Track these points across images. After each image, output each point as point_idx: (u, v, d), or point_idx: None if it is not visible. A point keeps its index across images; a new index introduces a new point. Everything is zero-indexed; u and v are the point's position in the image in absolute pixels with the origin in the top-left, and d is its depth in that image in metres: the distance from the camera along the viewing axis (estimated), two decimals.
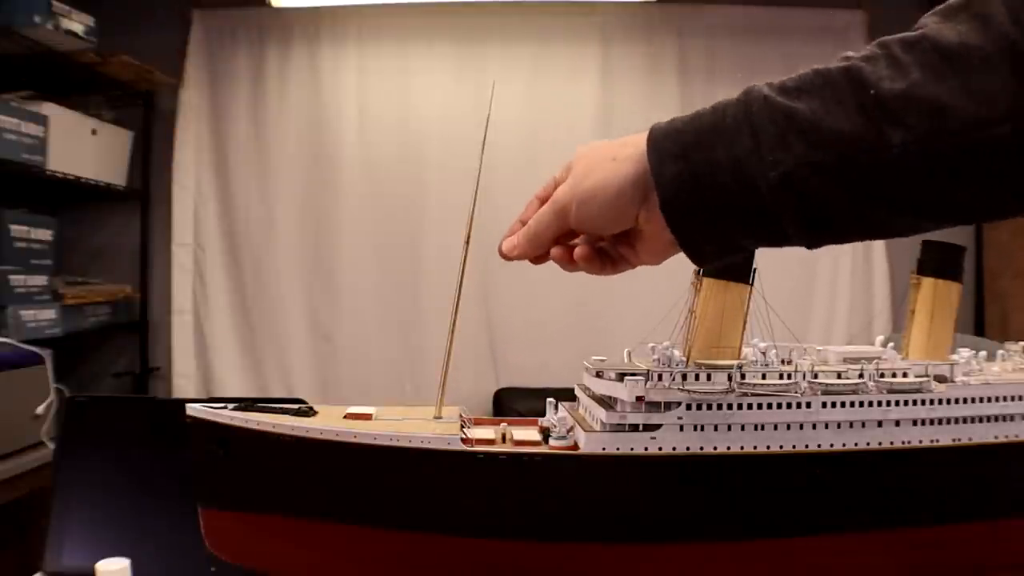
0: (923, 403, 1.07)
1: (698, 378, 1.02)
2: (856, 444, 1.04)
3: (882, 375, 1.08)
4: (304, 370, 2.88)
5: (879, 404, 1.05)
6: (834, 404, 1.03)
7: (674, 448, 1.00)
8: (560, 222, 0.63)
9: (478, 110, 2.72)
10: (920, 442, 1.06)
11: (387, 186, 2.87)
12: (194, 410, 1.01)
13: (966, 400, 1.08)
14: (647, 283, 2.63)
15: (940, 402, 1.07)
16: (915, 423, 1.06)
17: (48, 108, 2.31)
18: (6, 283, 2.17)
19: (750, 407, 1.01)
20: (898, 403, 1.06)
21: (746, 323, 1.05)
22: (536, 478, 0.99)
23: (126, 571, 0.95)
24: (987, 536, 1.07)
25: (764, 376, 1.04)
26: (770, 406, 1.02)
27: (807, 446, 1.02)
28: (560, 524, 1.00)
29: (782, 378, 1.05)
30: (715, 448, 1.00)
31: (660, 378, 1.01)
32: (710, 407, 1.01)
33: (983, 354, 1.21)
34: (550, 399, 1.12)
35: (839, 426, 1.03)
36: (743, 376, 1.02)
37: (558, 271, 0.70)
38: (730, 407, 1.01)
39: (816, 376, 1.06)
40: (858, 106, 0.48)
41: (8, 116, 2.12)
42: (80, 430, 1.15)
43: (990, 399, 1.09)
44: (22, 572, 1.10)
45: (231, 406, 1.03)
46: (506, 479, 0.98)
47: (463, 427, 1.02)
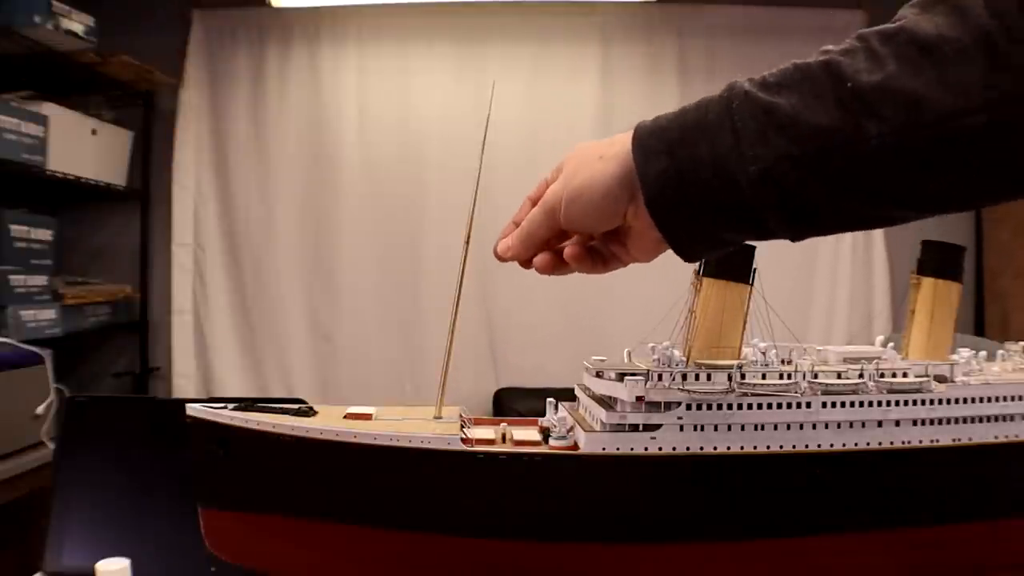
0: (923, 403, 1.06)
1: (698, 378, 1.02)
2: (856, 444, 1.03)
3: (882, 375, 1.08)
4: (304, 370, 2.88)
5: (879, 404, 1.05)
6: (834, 404, 1.03)
7: (674, 448, 1.00)
8: (551, 222, 0.63)
9: (478, 110, 2.72)
10: (920, 442, 1.06)
11: (387, 186, 2.87)
12: (194, 410, 1.01)
13: (966, 400, 1.08)
14: (647, 283, 2.63)
15: (940, 402, 1.07)
16: (915, 423, 1.06)
17: (48, 108, 2.31)
18: (6, 283, 2.17)
19: (750, 407, 1.01)
20: (898, 403, 1.06)
21: (746, 323, 1.05)
22: (536, 478, 0.98)
23: (126, 571, 0.95)
24: (987, 536, 1.07)
25: (764, 376, 1.04)
26: (770, 406, 1.02)
27: (807, 446, 1.02)
28: (560, 524, 1.00)
29: (782, 378, 1.05)
30: (715, 448, 1.00)
31: (660, 378, 1.01)
32: (710, 407, 1.01)
33: (983, 354, 1.21)
34: (550, 399, 1.12)
35: (839, 426, 1.03)
36: (743, 376, 1.02)
37: None
38: (730, 407, 1.01)
39: (816, 376, 1.06)
40: (836, 99, 0.49)
41: (8, 116, 2.12)
42: (80, 430, 1.15)
43: (990, 399, 1.09)
44: (22, 572, 1.10)
45: (231, 406, 1.03)
46: (506, 479, 0.98)
47: (463, 427, 1.02)
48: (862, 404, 1.04)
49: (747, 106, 0.52)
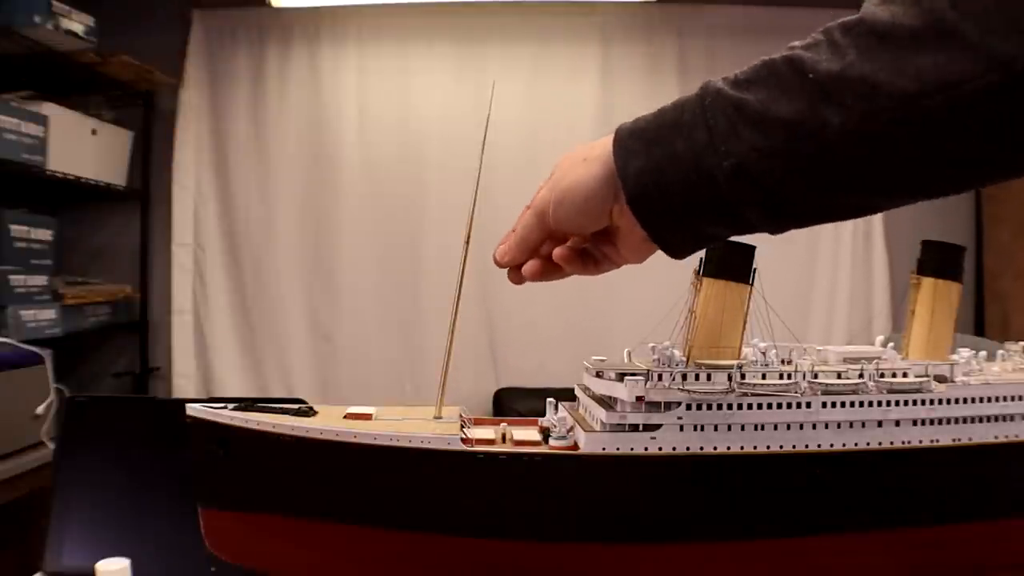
0: (923, 403, 1.06)
1: (698, 378, 1.02)
2: (856, 444, 1.03)
3: (882, 375, 1.08)
4: (304, 370, 2.88)
5: (879, 404, 1.05)
6: (834, 404, 1.03)
7: (674, 448, 1.00)
8: (542, 224, 0.65)
9: (478, 110, 2.72)
10: (920, 442, 1.06)
11: (387, 186, 2.87)
12: (194, 410, 1.00)
13: (966, 400, 1.08)
14: (647, 283, 2.63)
15: (940, 402, 1.07)
16: (915, 423, 1.06)
17: (48, 108, 2.31)
18: (6, 283, 2.17)
19: (750, 407, 1.01)
20: (898, 403, 1.06)
21: (746, 323, 1.05)
22: (536, 478, 0.98)
23: (126, 571, 0.95)
24: (987, 536, 1.07)
25: (764, 376, 1.04)
26: (770, 406, 1.02)
27: (807, 446, 1.02)
28: (560, 524, 1.00)
29: (782, 378, 1.05)
30: (715, 448, 1.00)
31: (660, 378, 1.01)
32: (710, 407, 1.01)
33: (983, 354, 1.21)
34: (550, 399, 1.12)
35: (839, 426, 1.03)
36: (743, 376, 1.02)
37: None
38: (730, 407, 1.01)
39: (816, 376, 1.06)
40: (799, 91, 0.50)
41: (8, 116, 2.12)
42: (80, 430, 1.15)
43: (990, 399, 1.09)
44: (22, 572, 1.10)
45: (231, 406, 1.03)
46: (506, 479, 0.98)
47: (463, 427, 1.02)
48: (862, 404, 1.04)
49: (719, 103, 0.53)
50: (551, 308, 2.82)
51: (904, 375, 1.09)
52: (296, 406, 1.05)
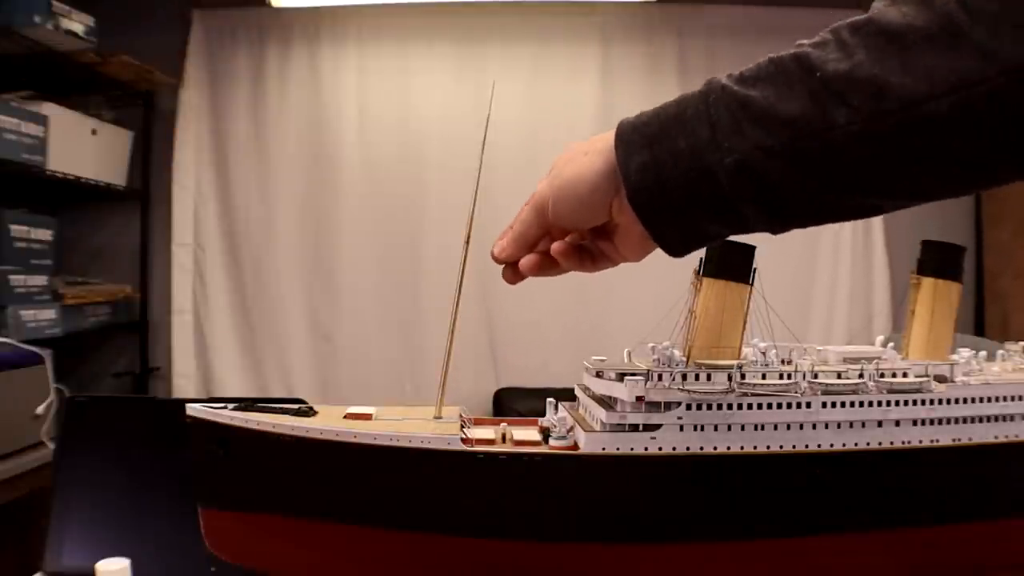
0: (923, 403, 1.06)
1: (698, 378, 1.02)
2: (856, 444, 1.03)
3: (882, 375, 1.08)
4: (304, 370, 2.88)
5: (879, 404, 1.05)
6: (834, 404, 1.03)
7: (674, 448, 1.00)
8: (540, 219, 0.64)
9: (478, 110, 2.72)
10: (920, 442, 1.06)
11: (387, 186, 2.87)
12: (194, 410, 1.00)
13: (966, 400, 1.08)
14: (647, 283, 2.63)
15: (940, 402, 1.07)
16: (915, 423, 1.06)
17: (48, 108, 2.31)
18: (6, 283, 2.17)
19: (750, 407, 1.01)
20: (898, 403, 1.06)
21: (746, 323, 1.05)
22: (536, 478, 0.98)
23: (126, 571, 0.95)
24: (987, 536, 1.07)
25: (764, 376, 1.04)
26: (770, 406, 1.02)
27: (807, 446, 1.02)
28: (560, 524, 1.00)
29: (782, 378, 1.05)
30: (715, 448, 1.00)
31: (660, 378, 1.01)
32: (710, 407, 1.01)
33: (983, 354, 1.21)
34: (550, 399, 1.12)
35: (839, 426, 1.03)
36: (743, 376, 1.02)
37: None
38: (730, 407, 1.01)
39: (816, 376, 1.06)
40: (806, 89, 0.50)
41: (8, 116, 2.12)
42: (80, 430, 1.15)
43: (990, 399, 1.09)
44: (22, 572, 1.10)
45: (231, 406, 1.03)
46: (506, 479, 0.98)
47: (463, 427, 1.02)
48: (862, 404, 1.04)
49: (723, 99, 0.53)
50: (551, 308, 2.82)
51: (904, 375, 1.09)
52: (296, 406, 1.05)
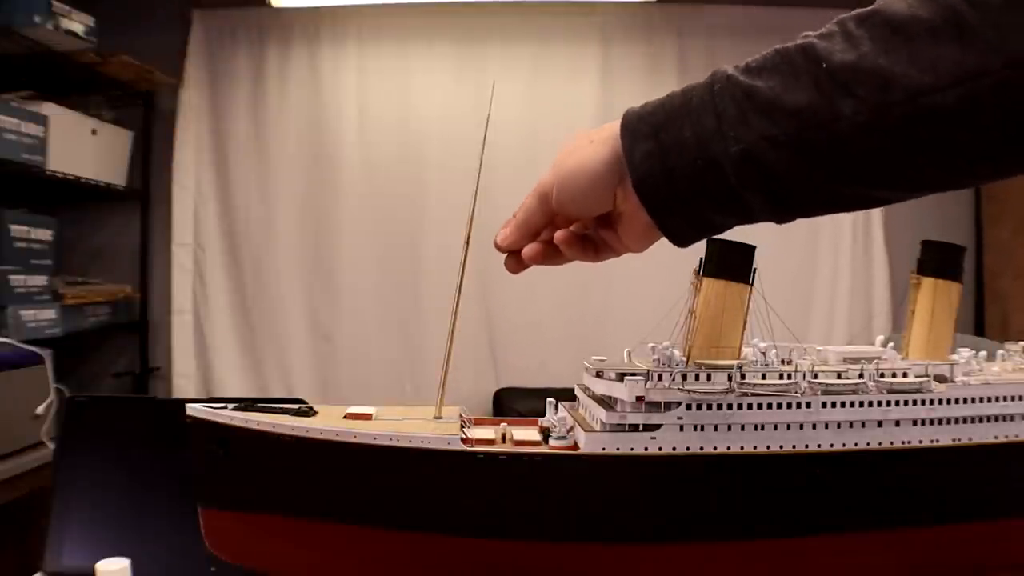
0: (923, 403, 1.06)
1: (698, 378, 1.02)
2: (856, 444, 1.03)
3: (882, 375, 1.08)
4: (304, 370, 2.89)
5: (879, 404, 1.05)
6: (834, 404, 1.03)
7: (674, 448, 1.00)
8: (544, 206, 0.65)
9: (478, 110, 2.72)
10: (920, 442, 1.06)
11: (387, 186, 2.87)
12: (194, 410, 1.00)
13: (966, 400, 1.08)
14: (647, 283, 2.62)
15: (940, 402, 1.07)
16: (915, 423, 1.06)
17: (48, 108, 2.31)
18: (6, 283, 2.17)
19: (750, 407, 1.01)
20: (898, 403, 1.05)
21: (746, 323, 1.05)
22: (536, 478, 0.98)
23: (126, 571, 0.94)
24: (987, 536, 1.07)
25: (764, 376, 1.04)
26: (770, 406, 1.02)
27: (807, 446, 1.02)
28: (560, 524, 1.00)
29: (782, 378, 1.05)
30: (715, 448, 1.00)
31: (660, 378, 1.01)
32: (710, 407, 1.00)
33: (983, 354, 1.21)
34: (550, 399, 1.12)
35: (839, 426, 1.03)
36: (743, 376, 1.02)
37: (558, 272, 0.70)
38: (730, 407, 1.01)
39: (816, 376, 1.06)
40: (812, 80, 0.50)
41: (8, 116, 2.12)
42: (80, 430, 1.15)
43: (990, 399, 1.09)
44: (22, 572, 1.10)
45: (231, 406, 1.02)
46: (506, 479, 0.98)
47: (463, 427, 1.02)
48: (862, 404, 1.04)
49: (729, 89, 0.54)
50: (551, 308, 2.82)
51: (904, 375, 1.09)
52: (296, 406, 1.05)
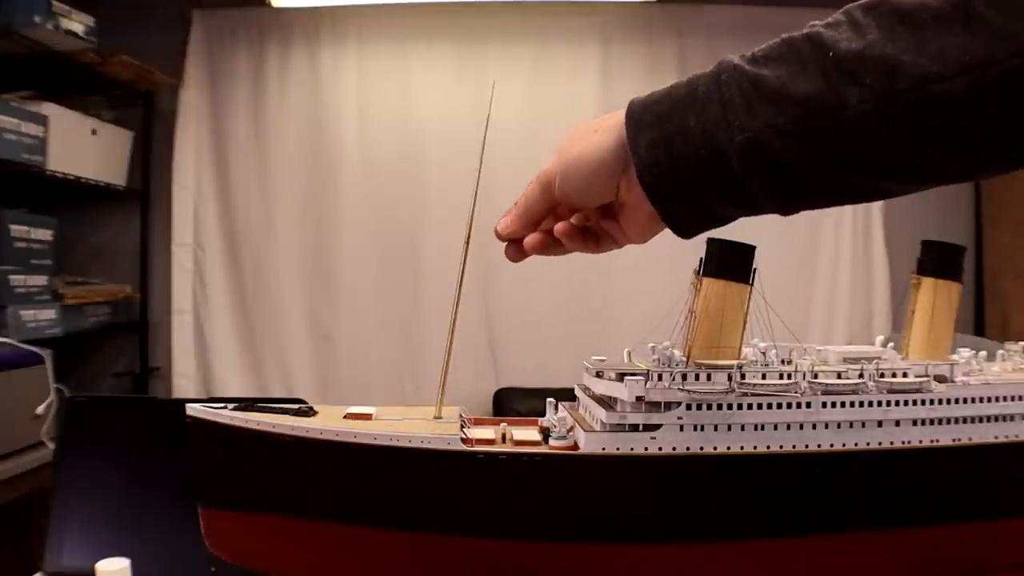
0: (923, 403, 1.06)
1: (698, 378, 1.02)
2: (856, 444, 1.03)
3: (882, 375, 1.08)
4: (304, 370, 2.88)
5: (879, 404, 1.05)
6: (834, 404, 1.03)
7: (674, 448, 1.00)
8: (546, 195, 0.64)
9: (478, 110, 2.72)
10: (920, 442, 1.06)
11: (387, 186, 2.87)
12: (194, 410, 1.00)
13: (966, 400, 1.08)
14: (647, 283, 2.62)
15: (940, 402, 1.07)
16: (915, 423, 1.06)
17: (48, 108, 2.31)
18: (6, 283, 2.17)
19: (750, 407, 1.01)
20: (898, 403, 1.05)
21: (746, 323, 1.05)
22: (536, 478, 0.98)
23: (126, 571, 0.94)
24: (987, 536, 1.07)
25: (764, 376, 1.04)
26: (770, 406, 1.02)
27: (807, 446, 1.02)
28: (560, 524, 1.00)
29: (782, 378, 1.05)
30: (715, 448, 1.00)
31: (660, 378, 1.01)
32: (710, 407, 1.01)
33: (983, 354, 1.21)
34: (550, 399, 1.12)
35: (839, 426, 1.03)
36: (743, 376, 1.02)
37: (557, 271, 0.70)
38: (730, 407, 1.01)
39: (816, 376, 1.06)
40: (819, 69, 0.50)
41: (8, 116, 2.12)
42: (80, 430, 1.15)
43: (990, 399, 1.09)
44: (22, 572, 1.10)
45: (231, 406, 1.02)
46: (506, 479, 0.98)
47: (463, 427, 1.02)
48: (862, 404, 1.04)
49: (735, 78, 0.53)
50: (551, 308, 2.82)
51: (904, 375, 1.09)
52: (296, 406, 1.05)
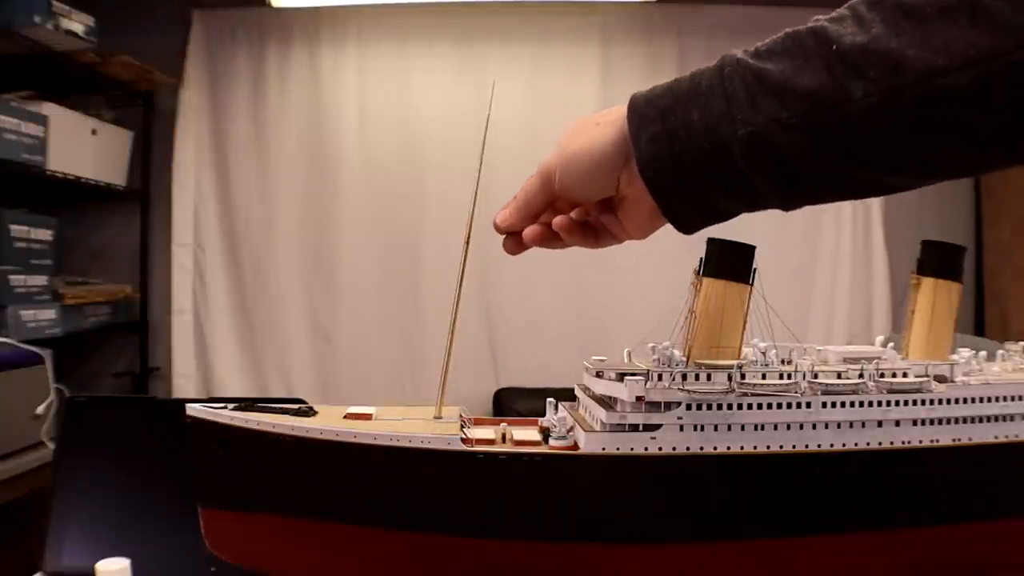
0: (923, 403, 1.06)
1: (698, 378, 1.02)
2: (856, 444, 1.03)
3: (882, 375, 1.08)
4: (304, 370, 2.89)
5: (879, 404, 1.05)
6: (834, 404, 1.03)
7: (674, 448, 1.00)
8: (546, 188, 0.64)
9: (478, 110, 2.72)
10: (920, 442, 1.06)
11: (387, 186, 2.87)
12: (194, 410, 1.00)
13: (966, 400, 1.08)
14: (647, 283, 2.62)
15: (940, 402, 1.07)
16: (915, 423, 1.06)
17: (48, 108, 2.31)
18: (6, 283, 2.18)
19: (750, 407, 1.01)
20: (898, 403, 1.05)
21: (746, 323, 1.05)
22: (536, 478, 0.98)
23: (126, 571, 0.95)
24: (987, 536, 1.07)
25: (764, 376, 1.04)
26: (770, 406, 1.02)
27: (807, 446, 1.02)
28: (560, 524, 1.00)
29: (782, 378, 1.05)
30: (715, 448, 1.00)
31: (660, 378, 1.01)
32: (710, 407, 1.01)
33: (983, 354, 1.21)
34: (550, 399, 1.12)
35: (839, 426, 1.03)
36: (743, 376, 1.02)
37: (557, 271, 0.70)
38: (730, 407, 1.01)
39: (816, 376, 1.06)
40: (823, 63, 0.50)
41: (8, 116, 2.12)
42: (80, 430, 1.15)
43: (990, 399, 1.09)
44: (22, 572, 1.10)
45: (231, 406, 1.02)
46: (506, 479, 0.98)
47: (463, 427, 1.02)
48: (862, 404, 1.04)
49: (738, 72, 0.53)
50: (551, 308, 2.82)
51: (904, 375, 1.09)
52: (296, 406, 1.05)
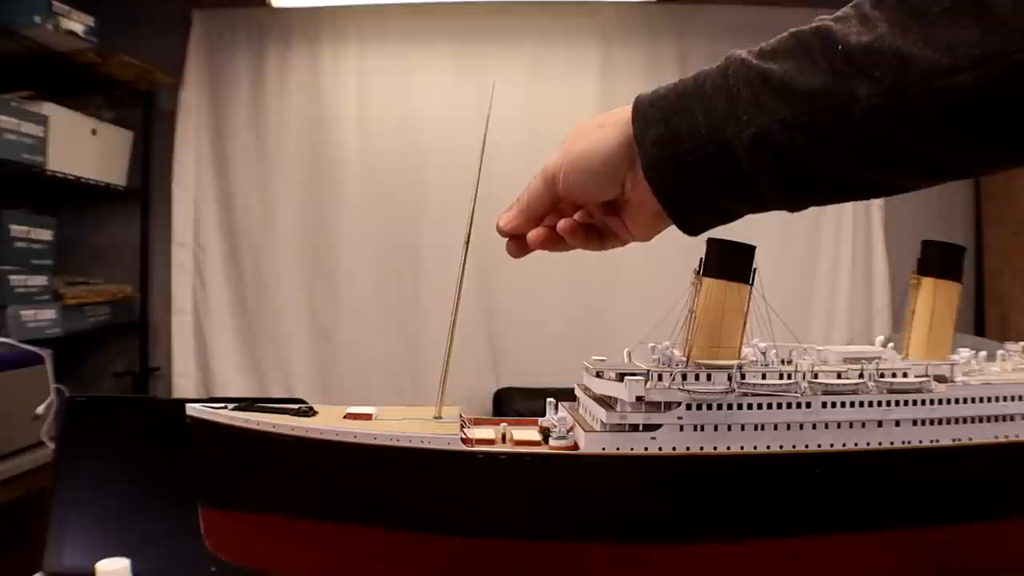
0: (923, 403, 1.06)
1: (698, 378, 1.02)
2: (856, 444, 1.03)
3: (882, 375, 1.08)
4: (304, 370, 2.89)
5: (879, 404, 1.05)
6: (834, 404, 1.03)
7: (674, 448, 1.00)
8: (550, 190, 0.64)
9: (478, 110, 2.72)
10: (920, 442, 1.06)
11: (387, 186, 2.87)
12: (194, 410, 1.00)
13: (966, 400, 1.08)
14: (648, 283, 2.62)
15: (940, 402, 1.07)
16: (915, 423, 1.06)
17: (48, 108, 2.31)
18: (6, 283, 2.18)
19: (750, 407, 1.01)
20: (898, 403, 1.05)
21: (746, 323, 1.05)
22: (536, 478, 0.98)
23: (126, 571, 0.95)
24: (987, 536, 1.07)
25: (764, 376, 1.04)
26: (770, 406, 1.02)
27: (807, 446, 1.02)
28: (560, 524, 1.00)
29: (782, 378, 1.05)
30: (715, 448, 1.00)
31: (660, 378, 1.01)
32: (710, 407, 1.01)
33: (983, 354, 1.21)
34: (550, 399, 1.12)
35: (839, 426, 1.03)
36: (743, 376, 1.02)
37: (557, 271, 0.70)
38: (730, 407, 1.01)
39: (816, 376, 1.06)
40: (827, 62, 0.49)
41: (8, 116, 2.12)
42: (80, 430, 1.15)
43: (990, 399, 1.09)
44: (22, 572, 1.10)
45: (231, 406, 1.02)
46: (506, 479, 0.98)
47: (463, 427, 1.02)
48: (862, 404, 1.04)
49: (742, 72, 0.53)
50: (551, 308, 2.82)
51: (904, 375, 1.09)
52: (296, 406, 1.05)
